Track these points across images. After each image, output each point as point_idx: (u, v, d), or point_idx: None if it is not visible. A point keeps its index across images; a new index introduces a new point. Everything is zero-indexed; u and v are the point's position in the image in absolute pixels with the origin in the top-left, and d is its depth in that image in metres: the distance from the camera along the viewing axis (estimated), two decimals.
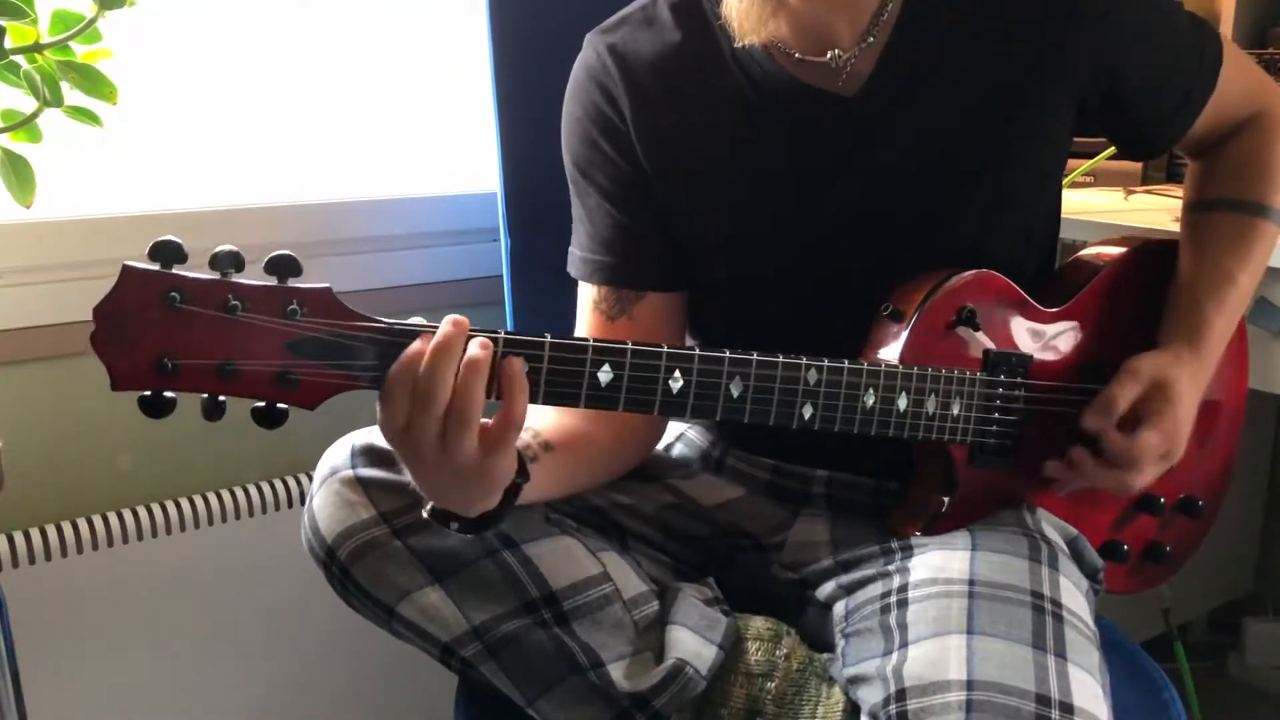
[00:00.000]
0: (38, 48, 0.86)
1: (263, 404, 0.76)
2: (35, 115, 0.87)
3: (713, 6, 1.01)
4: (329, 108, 1.56)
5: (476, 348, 0.77)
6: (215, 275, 0.74)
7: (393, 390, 0.77)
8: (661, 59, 1.03)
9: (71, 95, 0.88)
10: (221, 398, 0.75)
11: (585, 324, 1.07)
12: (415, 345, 0.77)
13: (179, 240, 0.73)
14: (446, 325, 0.77)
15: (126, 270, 0.72)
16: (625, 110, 1.03)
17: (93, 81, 0.88)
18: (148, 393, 0.73)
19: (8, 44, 0.84)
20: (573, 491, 1.02)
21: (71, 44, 0.86)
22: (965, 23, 0.99)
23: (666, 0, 1.05)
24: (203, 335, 0.73)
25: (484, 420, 0.79)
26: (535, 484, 0.89)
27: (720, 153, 1.02)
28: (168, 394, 0.73)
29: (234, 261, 0.74)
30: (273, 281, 0.75)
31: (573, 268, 1.09)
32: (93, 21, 0.86)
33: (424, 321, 0.78)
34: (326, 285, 0.76)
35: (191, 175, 1.47)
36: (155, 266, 0.72)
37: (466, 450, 0.78)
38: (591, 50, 1.07)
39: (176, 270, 0.73)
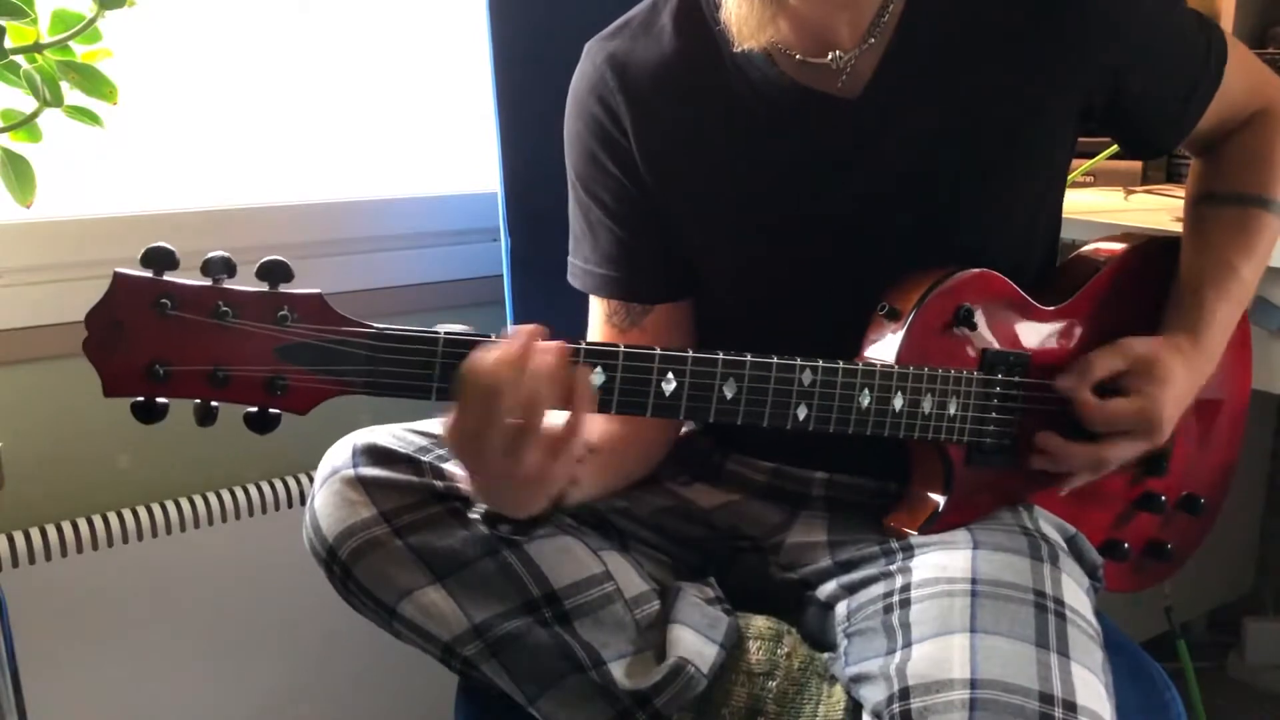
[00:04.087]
0: (38, 48, 0.86)
1: (255, 409, 0.76)
2: (35, 115, 0.87)
3: (712, 11, 1.00)
4: (329, 108, 1.56)
5: (547, 356, 0.78)
6: (207, 281, 0.74)
7: (463, 398, 0.77)
8: (661, 68, 1.02)
9: (71, 95, 0.88)
10: (213, 403, 0.75)
11: (598, 336, 1.07)
12: (487, 353, 0.76)
13: (170, 247, 0.73)
14: (520, 337, 0.78)
15: (118, 277, 0.73)
16: (626, 123, 1.03)
17: (93, 81, 0.88)
18: (140, 398, 0.74)
19: (8, 44, 0.84)
20: (608, 493, 1.04)
21: (71, 44, 0.87)
22: (969, 23, 0.98)
23: (668, 5, 1.04)
24: (194, 341, 0.74)
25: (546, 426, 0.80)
26: (580, 486, 0.90)
27: (722, 159, 1.02)
28: (160, 400, 0.74)
29: (225, 267, 0.75)
30: (264, 287, 0.75)
31: (576, 279, 1.09)
32: (93, 21, 0.86)
33: (412, 327, 0.78)
34: (317, 291, 0.77)
35: (191, 175, 1.47)
36: (147, 273, 0.73)
37: (531, 459, 0.79)
38: (590, 62, 1.06)
39: (168, 277, 0.73)
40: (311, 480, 0.99)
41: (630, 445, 1.04)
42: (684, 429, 1.15)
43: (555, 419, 0.80)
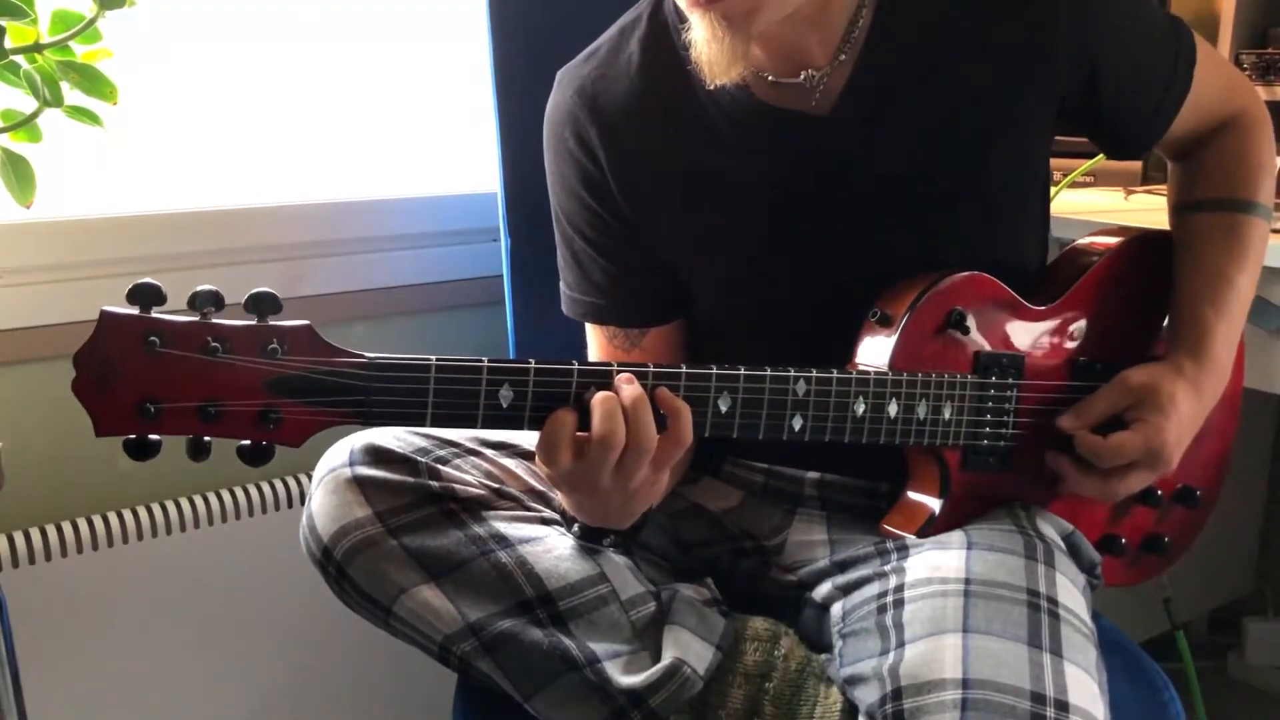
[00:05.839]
0: (38, 48, 0.86)
1: (248, 442, 0.76)
2: (35, 115, 0.87)
3: (680, 39, 0.98)
4: (329, 108, 1.56)
5: (632, 386, 0.83)
6: (194, 316, 0.74)
7: (555, 446, 0.82)
8: (631, 96, 1.02)
9: (71, 95, 0.88)
10: (206, 438, 0.75)
11: (600, 358, 1.08)
12: (595, 408, 0.81)
13: (157, 283, 0.73)
14: (619, 384, 0.82)
15: (105, 316, 0.72)
16: (600, 156, 1.03)
17: (93, 81, 0.88)
18: (132, 436, 0.74)
19: (8, 44, 0.84)
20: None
21: (71, 44, 0.87)
22: (940, 28, 0.98)
23: (636, 31, 1.04)
24: (183, 378, 0.73)
25: None
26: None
27: (699, 186, 1.02)
28: (152, 437, 0.74)
29: (213, 300, 0.74)
30: (252, 320, 0.75)
31: (568, 307, 1.10)
32: (93, 21, 0.86)
33: (403, 356, 0.79)
34: (306, 322, 0.77)
35: (191, 176, 1.47)
36: (134, 310, 0.72)
37: (642, 474, 0.84)
38: (561, 94, 1.06)
39: (155, 313, 0.73)
40: (310, 480, 0.99)
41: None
42: None
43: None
